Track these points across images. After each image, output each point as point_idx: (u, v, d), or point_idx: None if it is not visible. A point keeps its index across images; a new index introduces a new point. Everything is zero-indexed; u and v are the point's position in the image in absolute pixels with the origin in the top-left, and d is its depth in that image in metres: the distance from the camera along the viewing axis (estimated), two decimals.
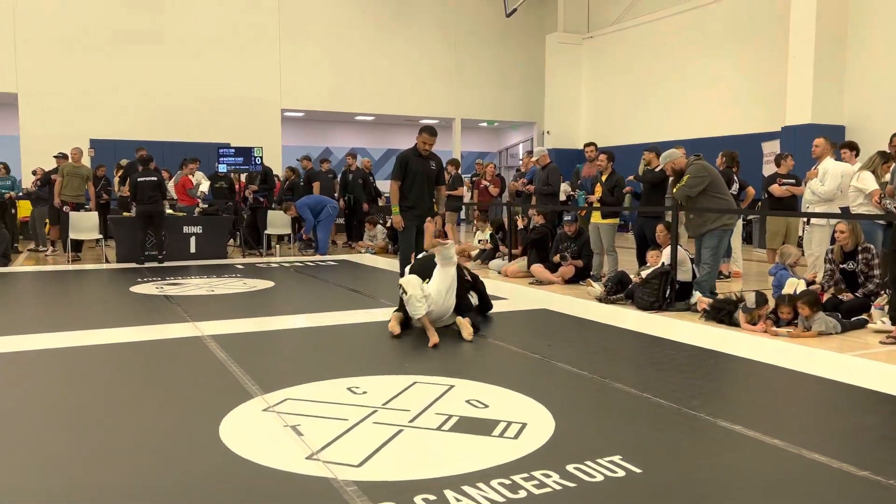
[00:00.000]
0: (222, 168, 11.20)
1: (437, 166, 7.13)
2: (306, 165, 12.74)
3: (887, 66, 11.88)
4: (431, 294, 5.31)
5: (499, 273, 8.98)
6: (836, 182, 7.30)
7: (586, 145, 9.15)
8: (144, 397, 3.90)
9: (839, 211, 7.48)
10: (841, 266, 6.15)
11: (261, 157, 11.19)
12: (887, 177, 6.33)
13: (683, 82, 15.16)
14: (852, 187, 6.89)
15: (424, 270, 5.59)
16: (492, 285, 7.15)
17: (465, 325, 5.32)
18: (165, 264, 10.00)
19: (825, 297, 6.05)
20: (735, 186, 8.15)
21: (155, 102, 15.20)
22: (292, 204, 11.41)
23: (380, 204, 13.41)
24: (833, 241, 6.41)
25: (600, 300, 6.92)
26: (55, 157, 11.20)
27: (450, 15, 17.99)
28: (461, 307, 5.53)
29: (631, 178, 8.98)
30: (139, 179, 9.88)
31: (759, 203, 9.93)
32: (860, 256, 6.05)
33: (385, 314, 5.96)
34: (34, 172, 12.36)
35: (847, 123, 12.54)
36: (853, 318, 5.76)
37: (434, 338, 5.08)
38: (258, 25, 16.04)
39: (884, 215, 6.12)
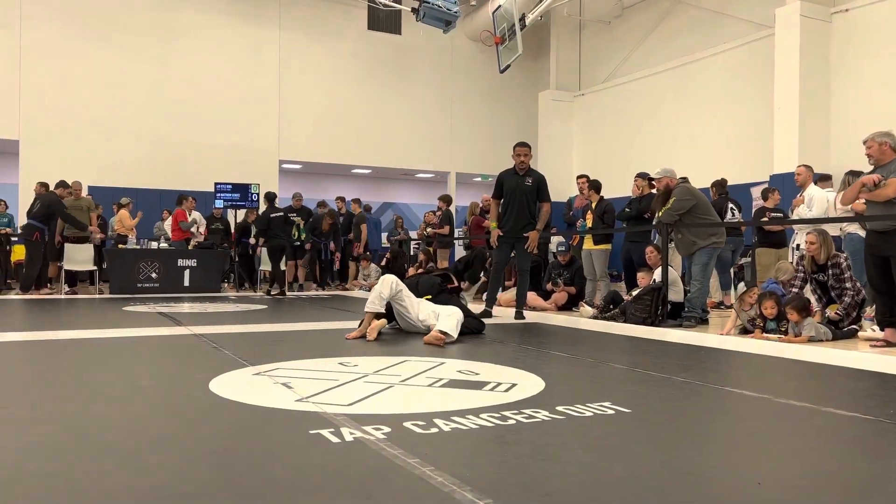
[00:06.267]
0: (219, 203, 11.32)
1: (535, 183, 6.94)
2: (340, 207, 13.27)
3: (871, 115, 12.22)
4: (420, 315, 5.37)
5: None
6: (822, 207, 7.46)
7: (579, 177, 9.34)
8: (136, 368, 3.90)
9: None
10: (813, 276, 6.14)
11: (258, 194, 11.33)
12: None
13: (672, 135, 15.53)
14: (838, 211, 7.04)
15: (419, 289, 5.65)
16: None
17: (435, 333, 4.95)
18: (158, 294, 10.02)
19: (817, 318, 5.99)
20: (730, 215, 8.29)
21: (153, 151, 15.43)
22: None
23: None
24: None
25: (594, 318, 6.95)
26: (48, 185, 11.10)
27: (446, 71, 18.54)
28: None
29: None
30: (272, 216, 10.29)
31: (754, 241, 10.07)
32: (830, 271, 6.01)
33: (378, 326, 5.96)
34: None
35: (834, 171, 12.81)
36: (844, 328, 5.80)
37: (363, 333, 5.15)
38: (258, 78, 16.48)
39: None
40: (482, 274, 9.85)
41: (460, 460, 2.14)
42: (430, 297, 5.62)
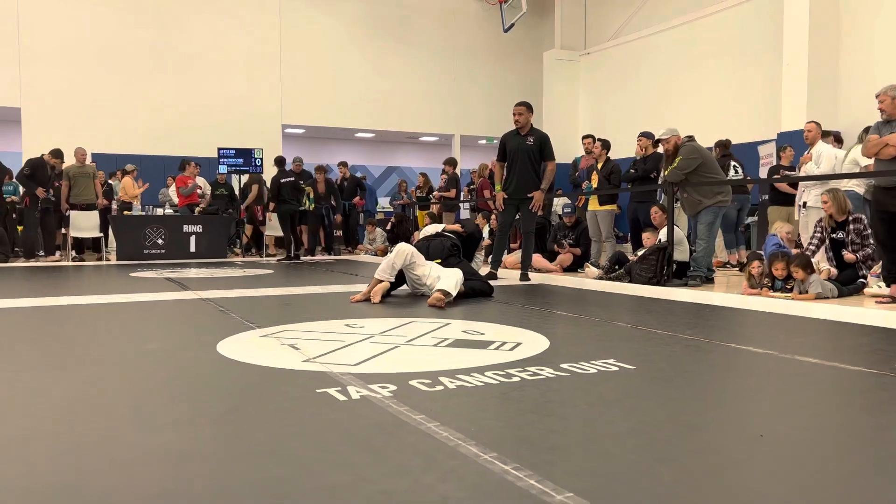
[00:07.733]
0: (222, 169, 11.29)
1: (538, 142, 6.90)
2: (343, 172, 13.14)
3: (881, 73, 12.03)
4: (430, 276, 5.36)
5: None
6: (830, 164, 7.39)
7: (584, 137, 9.26)
8: (144, 332, 3.93)
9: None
10: (831, 236, 6.15)
11: (261, 159, 11.29)
12: None
13: (679, 94, 15.35)
14: (853, 162, 6.98)
15: (430, 252, 5.67)
16: None
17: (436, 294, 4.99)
18: (165, 261, 10.06)
19: (823, 275, 6.02)
20: (733, 173, 8.23)
21: (156, 117, 15.35)
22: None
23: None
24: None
25: (599, 279, 6.96)
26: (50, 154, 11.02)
27: (449, 32, 18.28)
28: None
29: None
30: (282, 181, 10.19)
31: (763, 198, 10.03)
32: (851, 227, 6.05)
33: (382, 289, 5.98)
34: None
35: (843, 129, 12.66)
36: (850, 286, 5.79)
37: (368, 296, 5.17)
38: (259, 42, 16.29)
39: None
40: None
41: (465, 416, 2.16)
42: (440, 260, 5.64)
